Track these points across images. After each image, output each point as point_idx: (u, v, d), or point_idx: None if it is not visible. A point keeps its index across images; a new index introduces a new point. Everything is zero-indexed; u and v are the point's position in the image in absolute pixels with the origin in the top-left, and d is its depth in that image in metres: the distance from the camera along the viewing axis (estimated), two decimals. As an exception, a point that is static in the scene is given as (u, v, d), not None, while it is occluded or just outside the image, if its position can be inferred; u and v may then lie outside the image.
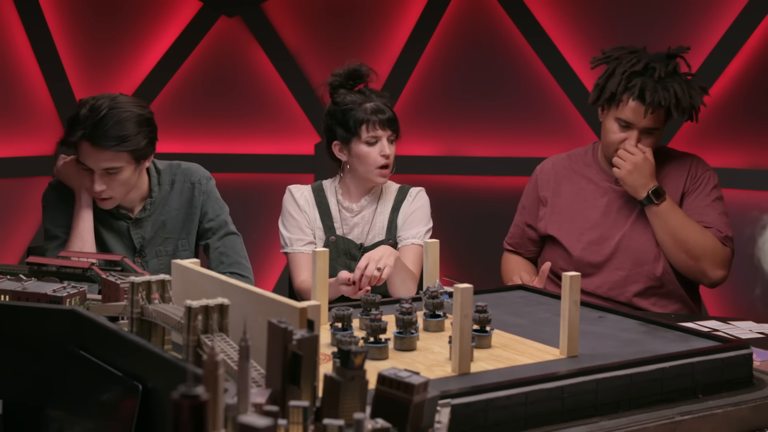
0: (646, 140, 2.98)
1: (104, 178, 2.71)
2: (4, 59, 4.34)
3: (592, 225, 3.10)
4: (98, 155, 2.68)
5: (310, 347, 1.31)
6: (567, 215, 3.15)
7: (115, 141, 2.66)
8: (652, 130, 2.98)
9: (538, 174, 3.26)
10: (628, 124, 2.97)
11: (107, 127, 2.65)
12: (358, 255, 3.01)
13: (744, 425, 1.83)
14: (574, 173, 3.19)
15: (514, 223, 3.32)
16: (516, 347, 1.98)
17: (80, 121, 2.67)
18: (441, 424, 1.36)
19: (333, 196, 3.10)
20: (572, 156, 3.24)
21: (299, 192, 3.09)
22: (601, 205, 3.10)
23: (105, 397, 1.48)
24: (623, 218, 3.06)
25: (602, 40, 4.51)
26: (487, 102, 4.65)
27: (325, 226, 3.06)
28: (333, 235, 3.05)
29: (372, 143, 2.98)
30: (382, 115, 2.98)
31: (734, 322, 2.73)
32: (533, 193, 3.25)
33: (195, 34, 4.62)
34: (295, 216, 3.05)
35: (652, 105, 2.91)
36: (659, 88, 2.92)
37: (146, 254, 2.88)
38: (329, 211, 3.07)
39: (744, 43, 4.23)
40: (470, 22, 4.63)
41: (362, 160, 3.00)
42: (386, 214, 3.09)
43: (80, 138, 2.67)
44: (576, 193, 3.16)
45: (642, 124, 2.96)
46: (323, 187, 3.13)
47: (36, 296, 1.89)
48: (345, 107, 3.00)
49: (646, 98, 2.91)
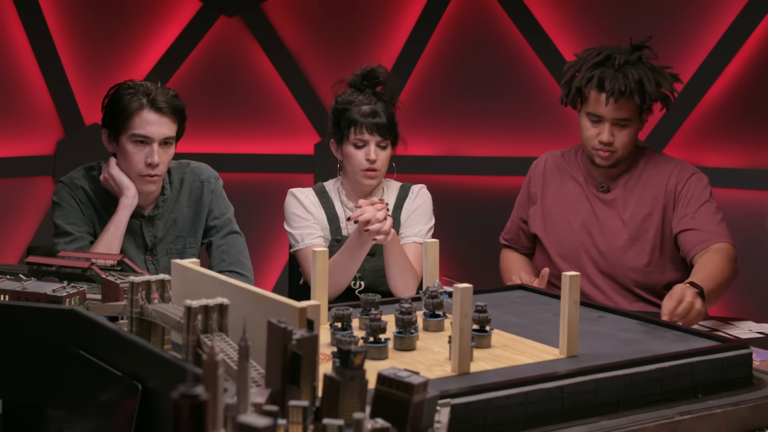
0: (620, 134, 2.95)
1: (160, 150, 2.78)
2: (4, 59, 4.34)
3: (572, 232, 3.09)
4: (160, 120, 2.78)
5: (309, 347, 1.31)
6: (551, 216, 3.15)
7: (175, 109, 2.81)
8: (622, 122, 2.94)
9: (532, 170, 3.26)
10: (598, 118, 2.95)
11: (167, 96, 2.81)
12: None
13: (744, 425, 1.83)
14: (563, 172, 3.18)
15: (510, 218, 3.33)
16: (516, 347, 1.98)
17: (138, 91, 2.78)
18: (441, 423, 1.36)
19: (337, 198, 3.09)
20: (566, 154, 3.22)
21: (303, 195, 3.08)
22: (584, 211, 3.09)
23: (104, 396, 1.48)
24: (604, 228, 3.05)
25: (602, 40, 4.50)
26: (487, 102, 4.65)
27: (332, 227, 3.05)
28: (339, 236, 3.04)
29: (359, 146, 2.96)
30: (372, 119, 2.94)
31: (734, 322, 2.74)
32: (526, 188, 3.26)
33: (195, 34, 4.62)
34: (302, 215, 3.04)
35: (613, 92, 2.88)
36: (619, 75, 2.90)
37: (157, 252, 2.90)
38: (335, 213, 3.07)
39: (743, 44, 4.22)
40: (470, 22, 4.63)
41: (349, 161, 3.00)
42: (391, 214, 3.08)
43: (142, 105, 2.76)
44: (562, 194, 3.15)
45: (610, 115, 2.93)
46: (326, 189, 3.12)
47: (36, 296, 1.89)
48: (341, 107, 3.00)
49: (606, 86, 2.90)
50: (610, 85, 2.89)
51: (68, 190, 2.85)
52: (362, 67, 3.05)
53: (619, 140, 2.96)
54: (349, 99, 2.99)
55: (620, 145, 2.96)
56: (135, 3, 4.57)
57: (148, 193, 2.86)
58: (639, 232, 3.01)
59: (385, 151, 3.00)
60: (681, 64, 4.08)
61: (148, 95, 2.78)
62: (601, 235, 3.05)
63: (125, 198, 2.79)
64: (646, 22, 4.38)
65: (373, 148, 2.96)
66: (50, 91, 4.45)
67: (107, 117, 2.83)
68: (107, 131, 2.84)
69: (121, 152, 2.81)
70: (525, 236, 3.27)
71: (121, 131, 2.79)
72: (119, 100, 2.79)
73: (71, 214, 2.83)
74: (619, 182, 3.07)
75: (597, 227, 3.06)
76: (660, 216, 3.01)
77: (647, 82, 2.91)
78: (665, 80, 2.95)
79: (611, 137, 2.94)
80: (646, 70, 2.93)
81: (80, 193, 2.85)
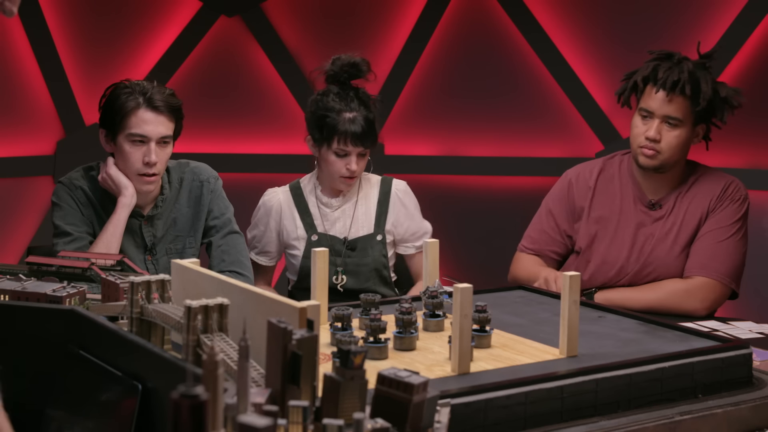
0: (668, 134, 2.85)
1: (157, 149, 2.79)
2: (4, 59, 4.34)
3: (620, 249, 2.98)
4: (157, 119, 2.78)
5: (309, 347, 1.31)
6: (599, 233, 3.02)
7: (171, 107, 2.81)
8: (673, 120, 2.85)
9: (574, 182, 3.09)
10: (648, 113, 2.87)
11: (164, 95, 2.81)
12: (343, 250, 3.02)
13: (744, 425, 1.83)
14: (612, 185, 3.05)
15: (537, 228, 3.14)
16: (516, 347, 1.98)
17: (134, 91, 2.78)
18: (440, 423, 1.36)
19: (312, 193, 3.10)
20: (608, 165, 3.09)
21: (272, 196, 3.11)
22: (633, 227, 2.99)
23: (105, 396, 1.48)
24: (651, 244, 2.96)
25: (602, 40, 4.51)
26: (487, 102, 4.65)
27: (306, 224, 3.06)
28: (315, 234, 3.04)
29: (340, 155, 2.96)
30: (355, 130, 2.92)
31: (734, 322, 2.73)
32: (567, 202, 3.09)
33: (195, 34, 4.62)
34: (259, 225, 3.10)
35: (666, 83, 2.82)
36: (675, 68, 2.84)
37: (157, 252, 2.90)
38: (308, 210, 3.07)
39: (744, 43, 4.22)
40: (470, 22, 4.63)
41: (328, 166, 2.99)
42: (371, 207, 3.08)
43: (139, 104, 2.76)
44: (611, 210, 3.03)
45: (661, 111, 2.84)
46: (300, 185, 3.12)
47: (36, 296, 1.89)
48: (321, 113, 2.96)
49: (659, 75, 2.84)
50: (663, 74, 2.83)
51: (67, 191, 2.85)
52: (345, 57, 3.00)
53: (666, 140, 2.86)
54: (331, 105, 2.95)
55: (666, 145, 2.86)
56: (135, 3, 4.58)
57: (147, 193, 2.86)
58: (684, 247, 2.95)
59: (365, 157, 3.01)
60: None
61: (144, 94, 2.78)
62: (651, 252, 2.95)
63: (123, 197, 2.79)
64: (646, 21, 4.38)
65: (354, 158, 2.96)
66: (50, 91, 4.45)
67: (104, 117, 2.83)
68: (105, 131, 2.84)
69: (119, 152, 2.81)
70: (557, 246, 3.11)
71: (118, 131, 2.79)
72: (116, 99, 2.79)
73: (70, 215, 2.83)
74: (670, 198, 2.97)
75: (648, 244, 2.96)
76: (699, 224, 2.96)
77: (704, 81, 2.84)
78: (725, 89, 2.88)
79: (658, 134, 2.85)
80: (707, 74, 2.86)
81: (79, 194, 2.85)
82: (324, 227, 3.05)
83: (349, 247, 3.01)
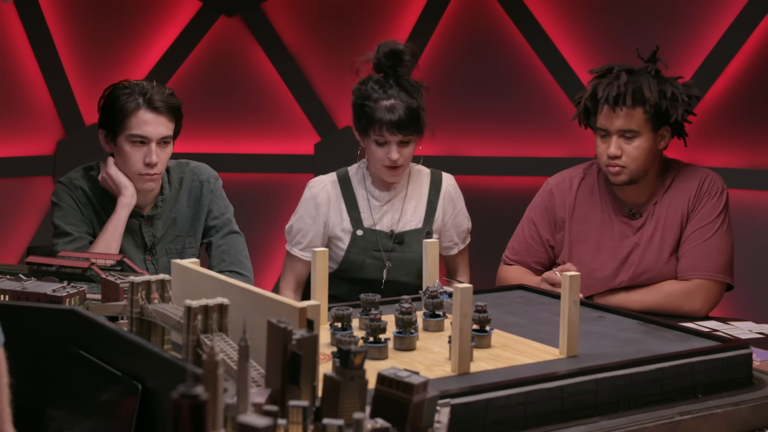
0: (628, 147, 2.83)
1: (158, 150, 2.79)
2: (4, 59, 4.34)
3: (603, 261, 2.96)
4: (157, 120, 2.78)
5: (309, 347, 1.31)
6: (579, 245, 3.01)
7: (171, 107, 2.81)
8: (629, 133, 2.83)
9: (554, 192, 3.07)
10: (605, 132, 2.86)
11: (163, 95, 2.80)
12: (390, 244, 2.94)
13: (743, 425, 1.83)
14: (591, 197, 3.03)
15: (519, 239, 3.12)
16: (516, 347, 1.98)
17: (134, 91, 2.78)
18: (440, 423, 1.36)
19: (361, 184, 3.00)
20: (588, 174, 3.07)
21: (321, 186, 2.98)
22: (614, 238, 2.97)
23: (105, 396, 1.48)
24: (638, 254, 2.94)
25: (602, 40, 4.51)
26: (487, 102, 4.65)
27: (353, 219, 2.96)
28: (360, 229, 2.95)
29: (380, 144, 2.87)
30: (392, 118, 2.83)
31: (734, 322, 2.73)
32: (547, 212, 3.07)
33: (194, 34, 4.62)
34: (305, 218, 2.97)
35: (607, 100, 2.81)
36: (614, 82, 2.83)
37: (157, 252, 2.90)
38: (356, 203, 2.97)
39: (744, 43, 4.22)
40: (470, 22, 4.63)
41: (371, 155, 2.91)
42: (422, 201, 3.01)
43: (139, 105, 2.76)
44: (591, 221, 3.01)
45: (615, 126, 2.83)
46: (349, 175, 3.02)
47: (36, 296, 1.89)
48: (359, 101, 2.88)
49: (599, 94, 2.84)
50: (603, 91, 2.83)
51: (67, 191, 2.85)
52: (387, 44, 2.88)
53: (627, 154, 2.84)
54: (368, 93, 2.87)
55: (629, 159, 2.84)
56: (135, 3, 4.57)
57: (147, 192, 2.86)
58: (672, 251, 2.93)
59: (409, 146, 2.90)
60: (681, 64, 4.08)
61: (144, 95, 2.77)
62: (640, 262, 2.93)
63: (123, 197, 2.79)
64: (646, 22, 4.38)
65: (394, 147, 2.86)
66: (50, 91, 4.45)
67: (104, 118, 2.83)
68: (104, 132, 2.84)
69: (119, 152, 2.81)
70: (540, 256, 3.08)
71: (118, 132, 2.79)
72: (115, 100, 2.79)
73: (70, 215, 2.83)
74: (648, 205, 2.95)
75: (635, 254, 2.94)
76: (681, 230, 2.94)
77: (646, 87, 2.81)
78: (672, 86, 2.84)
79: (618, 150, 2.83)
80: (650, 78, 2.83)
81: (79, 194, 2.85)
82: (372, 220, 2.96)
83: (396, 240, 2.95)
